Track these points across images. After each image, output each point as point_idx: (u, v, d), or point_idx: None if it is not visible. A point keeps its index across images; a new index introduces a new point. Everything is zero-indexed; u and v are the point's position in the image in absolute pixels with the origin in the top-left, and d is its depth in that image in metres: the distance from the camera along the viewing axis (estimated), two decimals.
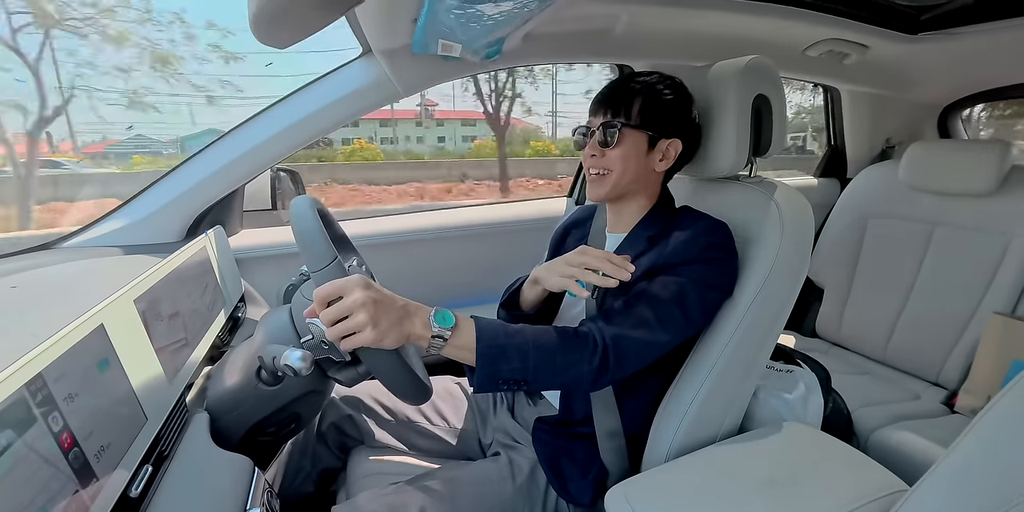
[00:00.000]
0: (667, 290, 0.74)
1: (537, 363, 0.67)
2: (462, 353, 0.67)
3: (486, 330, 0.67)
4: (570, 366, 0.69)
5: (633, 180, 0.84)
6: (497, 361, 0.66)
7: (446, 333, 0.64)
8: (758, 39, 1.31)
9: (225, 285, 1.02)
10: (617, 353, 0.70)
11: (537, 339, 0.69)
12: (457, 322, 0.66)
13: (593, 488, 0.82)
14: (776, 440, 0.81)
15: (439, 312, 0.65)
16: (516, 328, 0.70)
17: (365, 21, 0.97)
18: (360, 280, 0.61)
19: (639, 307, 0.74)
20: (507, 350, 0.67)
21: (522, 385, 0.68)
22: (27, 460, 0.42)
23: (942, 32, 1.37)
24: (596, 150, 0.83)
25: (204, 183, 1.12)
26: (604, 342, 0.70)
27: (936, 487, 0.48)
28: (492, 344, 0.66)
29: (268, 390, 0.73)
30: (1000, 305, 1.31)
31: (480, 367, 0.66)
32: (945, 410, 1.31)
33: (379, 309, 0.60)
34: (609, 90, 0.84)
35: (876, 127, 1.90)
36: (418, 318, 0.64)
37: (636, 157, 0.82)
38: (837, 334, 1.66)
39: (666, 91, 0.83)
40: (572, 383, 0.72)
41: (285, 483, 0.96)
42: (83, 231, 1.08)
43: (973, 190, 1.38)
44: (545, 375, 0.68)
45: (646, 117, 0.81)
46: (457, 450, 1.00)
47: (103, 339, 0.56)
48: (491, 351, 0.66)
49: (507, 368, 0.66)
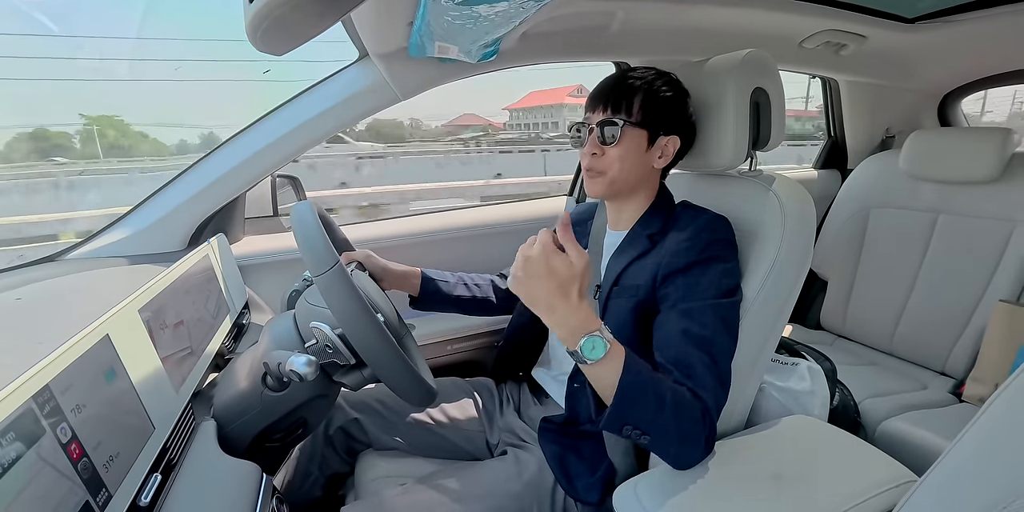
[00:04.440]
0: (707, 323, 0.72)
1: (667, 420, 0.64)
2: (597, 381, 0.64)
3: (632, 366, 0.63)
4: (689, 437, 0.67)
5: (633, 178, 0.84)
6: (635, 401, 0.62)
7: (588, 360, 0.61)
8: (755, 32, 1.31)
9: (229, 292, 1.02)
10: (717, 418, 0.69)
11: (675, 390, 0.65)
12: (610, 349, 0.61)
13: (601, 486, 0.82)
14: (783, 433, 0.81)
15: (590, 339, 0.60)
16: (660, 375, 0.67)
17: (361, 25, 0.97)
18: (584, 259, 0.59)
19: (698, 352, 0.70)
20: (646, 392, 0.63)
21: (642, 437, 0.64)
22: (37, 471, 0.42)
23: (939, 19, 1.37)
24: (596, 148, 0.82)
25: (205, 192, 1.12)
26: (711, 416, 0.67)
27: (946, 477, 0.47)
28: (636, 381, 0.62)
29: (274, 396, 0.73)
30: (1005, 292, 1.30)
31: (617, 400, 0.62)
32: (953, 399, 1.31)
33: (544, 282, 0.58)
34: (607, 86, 0.83)
35: (876, 117, 1.89)
36: (566, 327, 0.61)
37: (636, 155, 0.82)
38: (842, 326, 1.66)
39: (664, 88, 0.82)
40: (680, 457, 0.70)
41: (293, 488, 0.96)
42: (86, 242, 1.08)
43: (975, 178, 1.38)
44: (667, 434, 0.65)
45: (646, 114, 0.81)
46: (464, 451, 1.00)
47: (109, 349, 0.57)
48: (633, 390, 0.62)
49: (639, 414, 0.63)
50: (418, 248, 1.47)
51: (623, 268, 0.83)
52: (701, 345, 0.71)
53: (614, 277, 0.83)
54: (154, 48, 32.84)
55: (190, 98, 47.61)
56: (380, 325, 0.66)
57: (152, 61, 56.97)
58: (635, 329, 0.79)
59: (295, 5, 0.58)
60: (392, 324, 0.79)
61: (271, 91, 31.57)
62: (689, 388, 0.68)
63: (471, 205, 1.66)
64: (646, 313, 0.79)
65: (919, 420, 1.18)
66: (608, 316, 0.82)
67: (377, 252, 1.02)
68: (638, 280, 0.80)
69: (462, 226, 1.53)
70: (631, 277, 0.81)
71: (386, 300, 0.88)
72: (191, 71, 42.62)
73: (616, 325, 0.81)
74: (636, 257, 0.82)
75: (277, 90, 16.10)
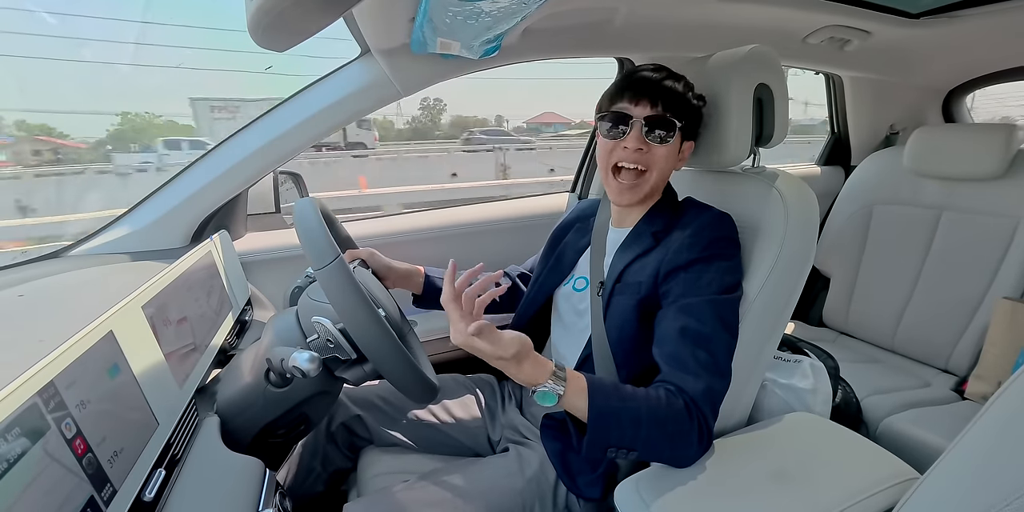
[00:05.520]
0: (705, 320, 0.73)
1: (649, 432, 0.66)
2: (571, 411, 0.67)
3: (599, 391, 0.66)
4: (678, 438, 0.68)
5: (663, 181, 0.85)
6: (608, 425, 0.65)
7: (547, 402, 0.65)
8: (758, 28, 1.30)
9: (231, 289, 1.02)
10: (712, 410, 0.70)
11: (649, 403, 0.67)
12: (568, 381, 0.65)
13: (603, 482, 0.82)
14: (785, 430, 0.81)
15: (540, 392, 0.65)
16: (630, 390, 0.68)
17: (363, 21, 0.96)
18: (522, 344, 0.64)
19: (693, 349, 0.71)
20: (620, 415, 0.65)
21: (629, 454, 0.67)
22: (42, 466, 0.42)
23: (944, 14, 1.35)
24: (643, 144, 0.79)
25: (207, 188, 1.12)
26: (699, 409, 0.69)
27: (948, 474, 0.47)
28: (605, 406, 0.65)
29: (277, 392, 0.74)
30: (1008, 290, 1.30)
31: (591, 429, 0.65)
32: (955, 397, 1.30)
33: (503, 366, 0.64)
34: (651, 82, 0.80)
35: (879, 113, 1.88)
36: (527, 377, 0.65)
37: (672, 157, 0.83)
38: (845, 323, 1.65)
39: (690, 94, 0.83)
40: (676, 458, 0.71)
41: (296, 484, 0.96)
42: (89, 239, 1.08)
43: (980, 174, 1.37)
44: (655, 445, 0.68)
45: (688, 119, 0.81)
46: (466, 447, 1.00)
47: (113, 345, 0.57)
48: (604, 415, 0.65)
49: (617, 435, 0.65)
50: (420, 245, 1.47)
51: (626, 265, 0.83)
52: (698, 341, 0.71)
53: (617, 274, 0.83)
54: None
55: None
56: (381, 319, 0.66)
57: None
58: (638, 326, 0.79)
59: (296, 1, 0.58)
60: (394, 320, 0.79)
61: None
62: (675, 384, 0.69)
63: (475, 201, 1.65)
64: (648, 310, 0.79)
65: (921, 418, 1.18)
66: (611, 313, 0.82)
67: (379, 249, 1.03)
68: (640, 277, 0.80)
69: (464, 223, 1.53)
70: (634, 274, 0.81)
71: (388, 296, 0.88)
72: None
73: (619, 322, 0.81)
74: (640, 254, 0.82)
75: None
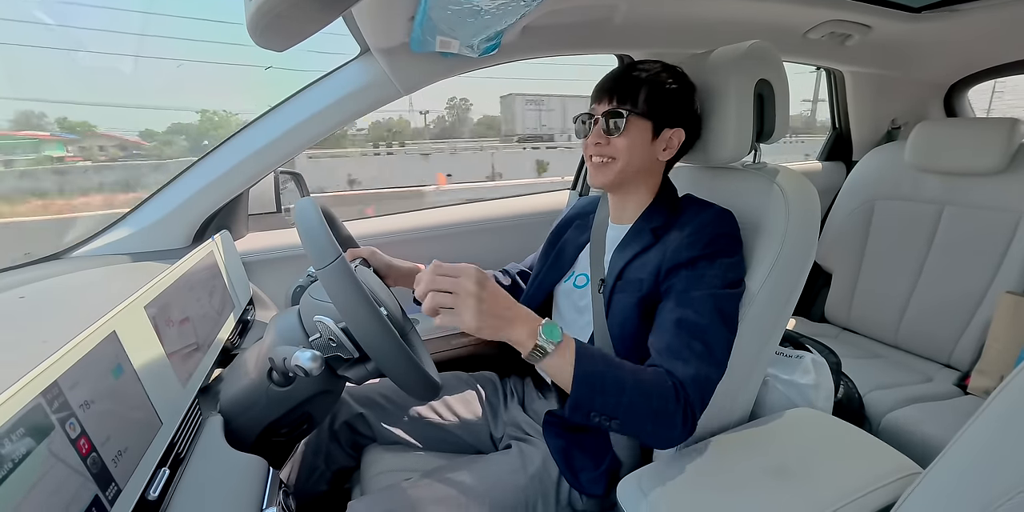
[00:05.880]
0: (703, 312, 0.72)
1: (632, 400, 0.64)
2: (558, 374, 0.65)
3: (584, 355, 0.65)
4: (662, 415, 0.66)
5: (637, 169, 0.84)
6: (593, 390, 0.64)
7: (550, 347, 0.62)
8: (758, 23, 1.30)
9: (233, 289, 1.03)
10: (701, 398, 0.68)
11: (636, 376, 0.66)
12: (563, 339, 0.64)
13: (605, 479, 0.82)
14: (787, 426, 0.81)
15: (548, 325, 0.63)
16: (617, 360, 0.68)
17: (362, 20, 0.96)
18: (479, 272, 0.61)
19: (688, 339, 0.71)
20: (605, 380, 0.64)
21: (611, 422, 0.65)
22: (48, 466, 0.43)
23: (945, 9, 1.35)
24: (601, 138, 0.82)
25: (208, 188, 1.12)
26: (686, 393, 0.67)
27: (950, 469, 0.48)
28: (592, 370, 0.64)
29: (280, 391, 0.74)
30: (1011, 284, 1.29)
31: (575, 393, 0.64)
32: (958, 392, 1.30)
33: (486, 304, 0.59)
34: (613, 78, 0.84)
35: (881, 108, 1.88)
36: (523, 327, 0.62)
37: (641, 146, 0.82)
38: (847, 318, 1.65)
39: (670, 80, 0.82)
40: (658, 437, 0.69)
41: (300, 482, 0.97)
42: (91, 240, 1.09)
43: (982, 169, 1.37)
44: (637, 416, 0.65)
45: (651, 106, 0.81)
46: (469, 444, 1.00)
47: (116, 346, 0.57)
48: (590, 378, 0.64)
49: (600, 401, 0.64)
50: (421, 243, 1.47)
51: (627, 262, 0.83)
52: (694, 333, 0.71)
53: (617, 271, 0.83)
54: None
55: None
56: (383, 317, 0.66)
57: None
58: (639, 323, 0.79)
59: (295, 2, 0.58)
60: (396, 318, 0.79)
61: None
62: (665, 368, 0.68)
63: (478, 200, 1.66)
64: (650, 307, 0.79)
65: (923, 413, 1.18)
66: (612, 311, 0.82)
67: (381, 248, 1.03)
68: (641, 274, 0.80)
69: (464, 221, 1.53)
70: (635, 271, 0.81)
71: (390, 295, 0.88)
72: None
73: (620, 319, 0.81)
74: (640, 251, 0.82)
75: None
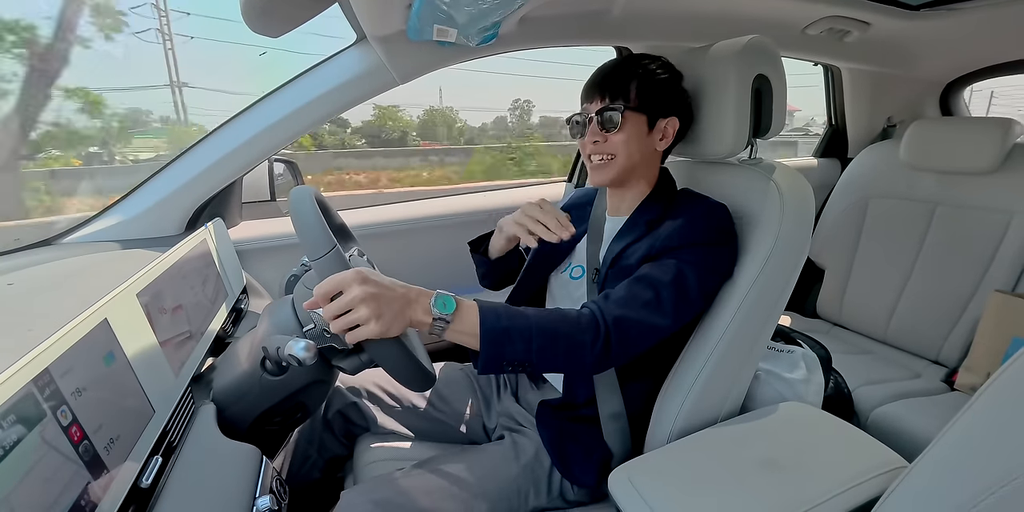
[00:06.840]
0: (666, 273, 0.74)
1: (541, 345, 0.67)
2: (464, 337, 0.67)
3: (489, 313, 0.67)
4: (573, 349, 0.69)
5: (637, 162, 0.84)
6: (501, 344, 0.66)
7: (448, 317, 0.64)
8: (757, 18, 1.29)
9: (227, 277, 1.02)
10: (620, 336, 0.70)
11: (540, 322, 0.68)
12: (459, 306, 0.66)
13: (597, 469, 0.83)
14: (777, 420, 0.82)
15: (440, 297, 0.65)
16: (518, 310, 0.69)
17: (359, 7, 0.95)
18: (357, 274, 0.61)
19: (639, 289, 0.73)
20: (510, 333, 0.66)
21: (526, 367, 0.68)
22: (39, 454, 0.43)
23: (944, 7, 1.35)
24: (599, 136, 0.82)
25: (202, 176, 1.11)
26: (606, 325, 0.70)
27: (935, 463, 0.48)
28: (495, 327, 0.66)
29: (273, 380, 0.74)
30: (1001, 283, 1.31)
31: (484, 350, 0.66)
32: (945, 388, 1.32)
33: (380, 301, 0.60)
34: (602, 75, 0.84)
35: (877, 106, 1.88)
36: (419, 304, 0.64)
37: (638, 139, 0.82)
38: (838, 314, 1.67)
39: (659, 70, 0.83)
40: (575, 366, 0.72)
41: (293, 471, 0.97)
42: (82, 226, 1.07)
43: (975, 168, 1.37)
44: (548, 358, 0.68)
45: (644, 98, 0.81)
46: (462, 435, 1.01)
47: (108, 333, 0.57)
48: (494, 334, 0.66)
49: (511, 350, 0.66)
50: (417, 234, 1.47)
51: (620, 251, 0.83)
52: (647, 284, 0.74)
53: (611, 261, 0.83)
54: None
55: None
56: None
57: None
58: None
59: None
60: None
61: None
62: (595, 304, 0.72)
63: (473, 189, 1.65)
64: None
65: (911, 408, 1.19)
66: None
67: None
68: (631, 261, 0.81)
69: (460, 212, 1.53)
70: (626, 259, 0.82)
71: None
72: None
73: None
74: (633, 241, 0.83)
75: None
